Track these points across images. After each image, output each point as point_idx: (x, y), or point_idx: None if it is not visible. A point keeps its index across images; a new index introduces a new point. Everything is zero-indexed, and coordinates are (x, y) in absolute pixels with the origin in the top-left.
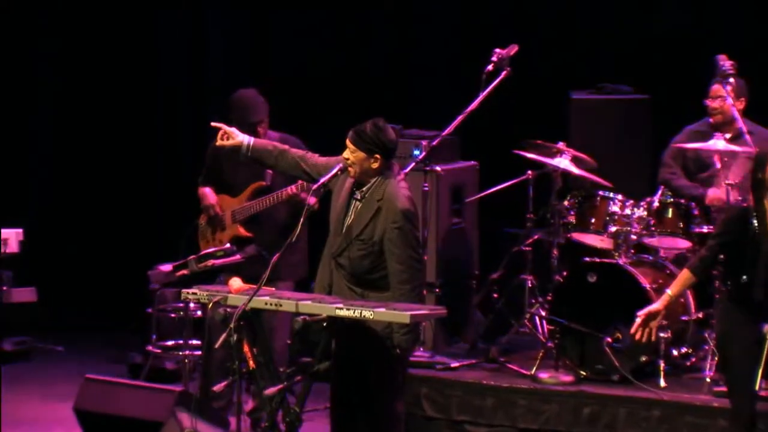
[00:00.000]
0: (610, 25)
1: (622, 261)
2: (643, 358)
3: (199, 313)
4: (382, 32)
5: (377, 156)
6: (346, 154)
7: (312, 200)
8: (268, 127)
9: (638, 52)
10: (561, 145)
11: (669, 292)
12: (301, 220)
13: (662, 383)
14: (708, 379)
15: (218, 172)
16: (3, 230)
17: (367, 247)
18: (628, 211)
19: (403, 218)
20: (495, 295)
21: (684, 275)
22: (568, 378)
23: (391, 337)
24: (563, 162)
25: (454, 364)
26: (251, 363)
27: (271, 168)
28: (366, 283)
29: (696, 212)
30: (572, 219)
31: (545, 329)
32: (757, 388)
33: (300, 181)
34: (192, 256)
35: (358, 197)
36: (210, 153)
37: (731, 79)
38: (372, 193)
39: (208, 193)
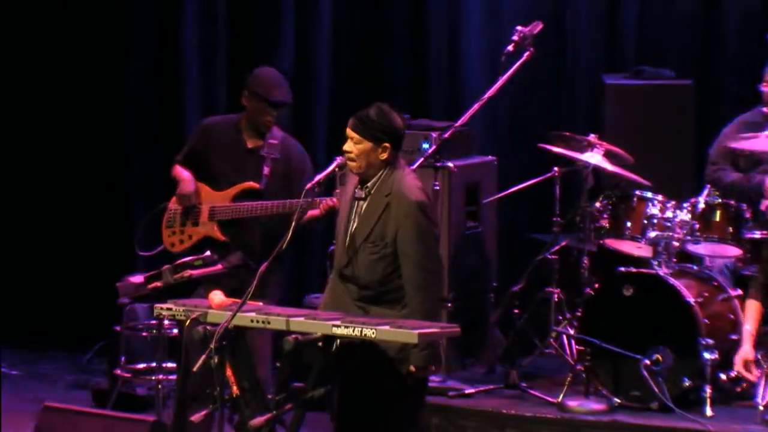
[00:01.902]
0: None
1: (662, 271)
2: (687, 384)
3: (174, 331)
4: (389, 12)
5: (386, 145)
6: (348, 146)
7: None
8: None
9: (681, 31)
10: (592, 137)
11: (749, 328)
12: (293, 224)
13: (708, 412)
14: (761, 407)
15: (204, 157)
16: None
17: (379, 249)
18: (669, 214)
19: (418, 211)
20: (516, 311)
21: (754, 307)
22: (600, 406)
23: (408, 358)
24: (595, 157)
25: (469, 391)
26: (234, 389)
27: None
28: (377, 297)
29: (748, 215)
30: (605, 223)
31: (574, 350)
32: None
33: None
34: (166, 266)
35: (362, 195)
36: (200, 131)
37: None
38: (379, 188)
39: (187, 179)
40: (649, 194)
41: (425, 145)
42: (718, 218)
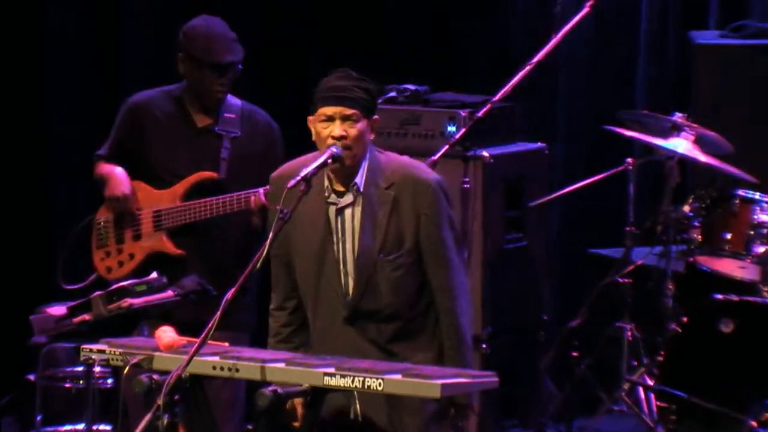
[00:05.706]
0: None
1: None
2: None
3: (109, 381)
4: None
5: (377, 118)
6: (336, 130)
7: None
8: (231, 89)
9: None
10: (678, 117)
11: None
12: (270, 236)
13: None
14: None
15: (138, 147)
16: None
17: (402, 260)
18: None
19: (443, 196)
20: (575, 354)
21: None
22: None
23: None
24: (682, 144)
25: None
26: None
27: None
28: (405, 329)
29: None
30: (696, 234)
31: (653, 406)
32: None
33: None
34: (98, 292)
35: (350, 201)
36: (127, 114)
37: None
38: (370, 182)
39: (118, 176)
40: (756, 195)
41: (451, 128)
42: None
